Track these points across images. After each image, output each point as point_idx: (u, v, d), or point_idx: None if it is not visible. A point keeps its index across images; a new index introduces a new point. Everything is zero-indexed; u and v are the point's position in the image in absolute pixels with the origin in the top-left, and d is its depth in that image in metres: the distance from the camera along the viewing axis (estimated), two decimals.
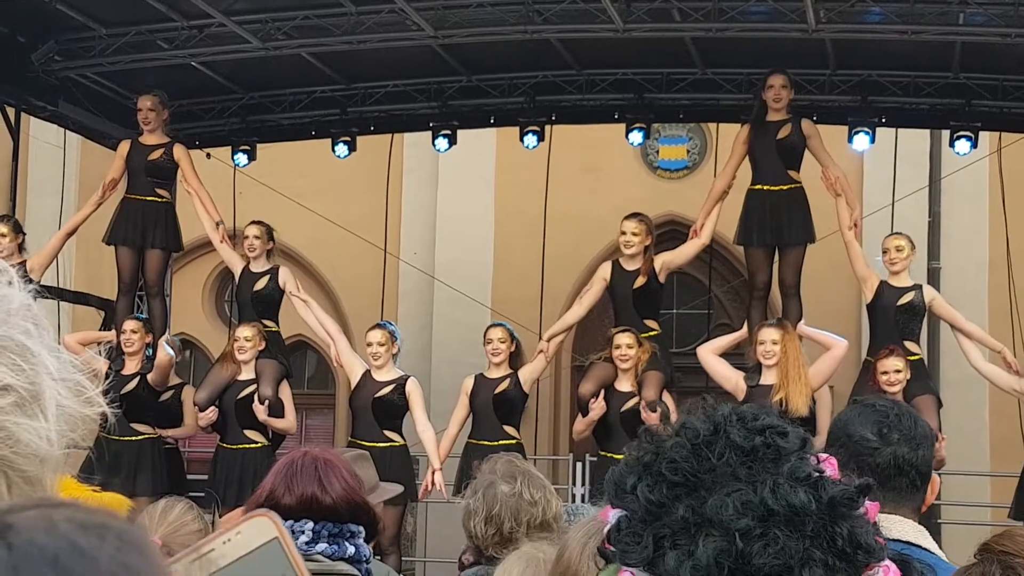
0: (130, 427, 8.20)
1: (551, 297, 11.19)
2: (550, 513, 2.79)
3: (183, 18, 8.50)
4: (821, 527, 0.92)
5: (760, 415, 0.99)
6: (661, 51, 9.05)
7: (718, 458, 0.95)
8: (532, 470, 2.88)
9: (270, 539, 0.84)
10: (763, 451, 0.95)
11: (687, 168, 12.80)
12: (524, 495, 2.78)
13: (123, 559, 0.68)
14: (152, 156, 8.67)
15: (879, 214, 10.33)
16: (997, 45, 8.19)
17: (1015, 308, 9.40)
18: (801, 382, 7.11)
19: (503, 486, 2.80)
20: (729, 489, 0.93)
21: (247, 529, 0.84)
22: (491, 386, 7.79)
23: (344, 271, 12.92)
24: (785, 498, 0.92)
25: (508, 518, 2.75)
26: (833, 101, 9.34)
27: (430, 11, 8.25)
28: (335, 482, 2.15)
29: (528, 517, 2.76)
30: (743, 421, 0.98)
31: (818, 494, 0.93)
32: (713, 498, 0.93)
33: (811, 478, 0.94)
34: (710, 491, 0.93)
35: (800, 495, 0.93)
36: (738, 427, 0.97)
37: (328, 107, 10.08)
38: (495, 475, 2.83)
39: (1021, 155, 9.79)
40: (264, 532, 0.84)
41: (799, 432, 0.98)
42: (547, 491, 2.83)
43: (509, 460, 2.89)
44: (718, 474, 0.94)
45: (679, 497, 0.94)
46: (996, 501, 10.16)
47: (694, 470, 0.95)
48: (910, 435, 2.51)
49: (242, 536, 0.84)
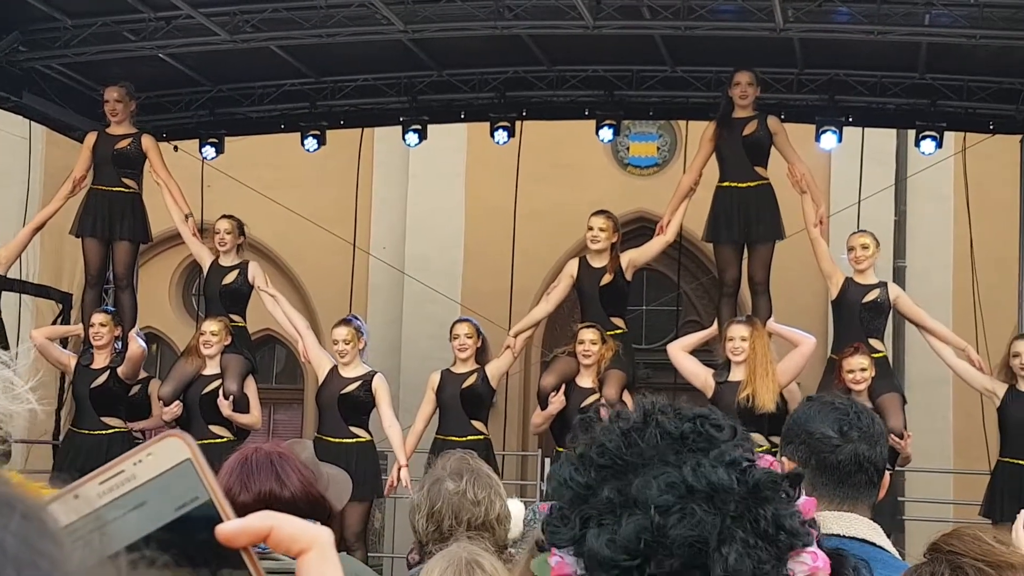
0: (100, 421, 8.14)
1: (521, 292, 11.20)
2: (492, 514, 2.78)
3: (150, 10, 8.44)
4: (744, 508, 0.94)
5: (696, 408, 1.02)
6: (631, 48, 9.06)
7: (647, 443, 0.97)
8: (483, 469, 2.87)
9: (182, 460, 0.82)
10: (693, 437, 0.97)
11: (657, 165, 12.84)
12: (468, 494, 2.77)
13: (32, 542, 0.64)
14: (119, 145, 8.59)
15: (846, 212, 10.40)
16: (962, 46, 8.26)
17: (979, 307, 9.49)
18: (769, 378, 7.15)
19: (449, 483, 2.80)
20: (656, 472, 0.95)
21: (158, 450, 0.82)
22: (458, 381, 7.79)
23: (313, 265, 12.88)
24: (705, 476, 0.94)
25: (448, 515, 2.75)
26: (801, 100, 9.39)
27: (400, 5, 8.23)
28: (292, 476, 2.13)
29: (469, 516, 2.75)
30: (677, 411, 1.00)
31: (743, 476, 0.95)
32: (638, 479, 0.95)
33: (737, 462, 0.96)
34: (637, 474, 0.96)
35: (721, 474, 0.95)
36: (671, 415, 0.99)
37: (297, 100, 10.04)
38: (444, 471, 2.82)
39: (986, 155, 9.88)
40: (176, 453, 0.82)
41: (736, 426, 1.00)
42: (492, 491, 2.82)
43: (461, 457, 2.89)
44: (646, 458, 0.97)
45: (606, 479, 0.96)
46: (959, 498, 10.26)
47: (622, 454, 0.97)
48: (869, 433, 2.54)
49: (153, 457, 0.82)
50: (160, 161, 8.68)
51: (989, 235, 10.17)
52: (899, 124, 10.07)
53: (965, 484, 10.10)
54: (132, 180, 8.71)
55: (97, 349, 8.16)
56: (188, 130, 10.26)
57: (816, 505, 1.00)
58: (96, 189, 8.66)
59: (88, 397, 8.13)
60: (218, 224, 8.51)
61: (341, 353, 7.75)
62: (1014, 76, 8.78)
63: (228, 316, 8.21)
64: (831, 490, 2.52)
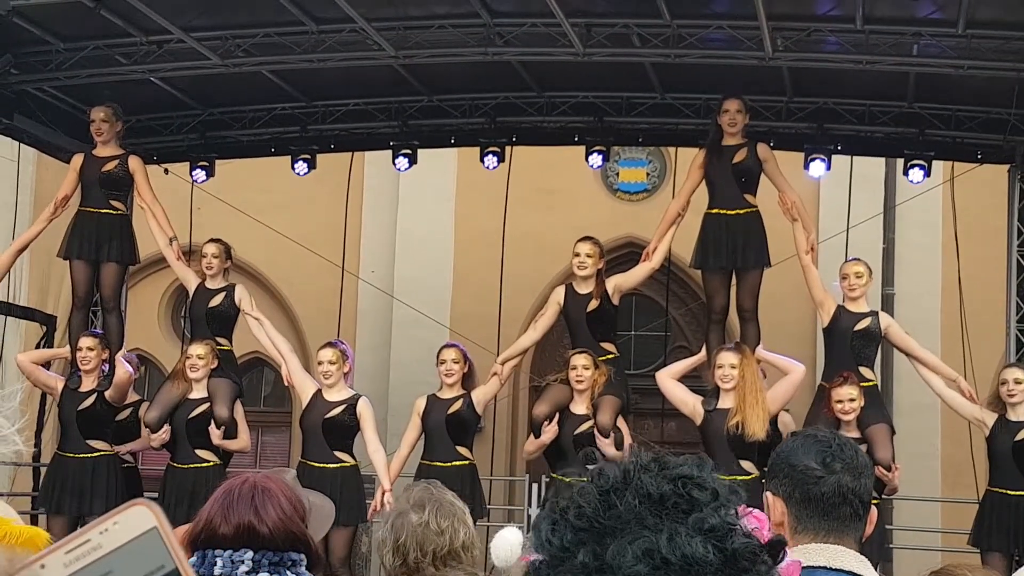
0: (86, 444, 8.10)
1: (509, 317, 11.20)
2: (457, 542, 2.77)
3: (142, 33, 8.45)
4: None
5: (683, 464, 0.98)
6: (621, 75, 9.11)
7: (625, 505, 0.95)
8: (446, 498, 2.86)
9: (148, 528, 0.82)
10: (673, 499, 0.95)
11: (646, 191, 12.88)
12: (431, 524, 2.76)
13: None
14: (106, 167, 8.57)
15: (834, 240, 10.43)
16: (950, 76, 8.31)
17: (966, 334, 9.51)
18: (759, 406, 7.14)
19: (412, 515, 2.78)
20: (633, 536, 0.92)
21: (125, 519, 0.82)
22: (444, 407, 7.77)
23: (302, 288, 12.87)
24: (680, 548, 0.91)
25: (413, 548, 2.74)
26: (790, 128, 9.43)
27: (391, 31, 8.26)
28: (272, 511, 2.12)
29: (434, 547, 2.74)
30: (663, 469, 0.97)
31: (721, 546, 0.92)
32: (615, 544, 0.92)
33: (716, 530, 0.93)
34: (614, 537, 0.93)
35: (697, 546, 0.92)
36: (652, 474, 0.96)
37: (288, 124, 10.06)
38: (407, 504, 2.82)
39: (973, 184, 9.93)
40: (143, 521, 0.83)
41: (718, 486, 0.97)
42: (455, 519, 2.81)
43: (424, 488, 2.88)
44: (623, 521, 0.94)
45: (583, 542, 0.94)
46: (947, 527, 10.26)
47: (598, 516, 0.95)
48: (852, 464, 2.54)
49: (119, 526, 0.82)
50: (146, 183, 8.62)
51: (977, 263, 10.21)
52: (887, 152, 10.12)
53: (953, 513, 10.10)
54: (120, 202, 8.69)
55: (85, 373, 8.13)
56: (179, 153, 10.27)
57: (800, 567, 0.99)
58: (84, 211, 8.64)
59: (75, 420, 8.09)
60: (205, 248, 8.49)
61: (326, 375, 7.72)
62: (1001, 106, 8.84)
63: (215, 339, 8.19)
64: (816, 522, 2.52)
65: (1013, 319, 9.09)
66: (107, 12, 7.96)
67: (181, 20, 8.14)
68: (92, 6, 7.78)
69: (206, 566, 2.16)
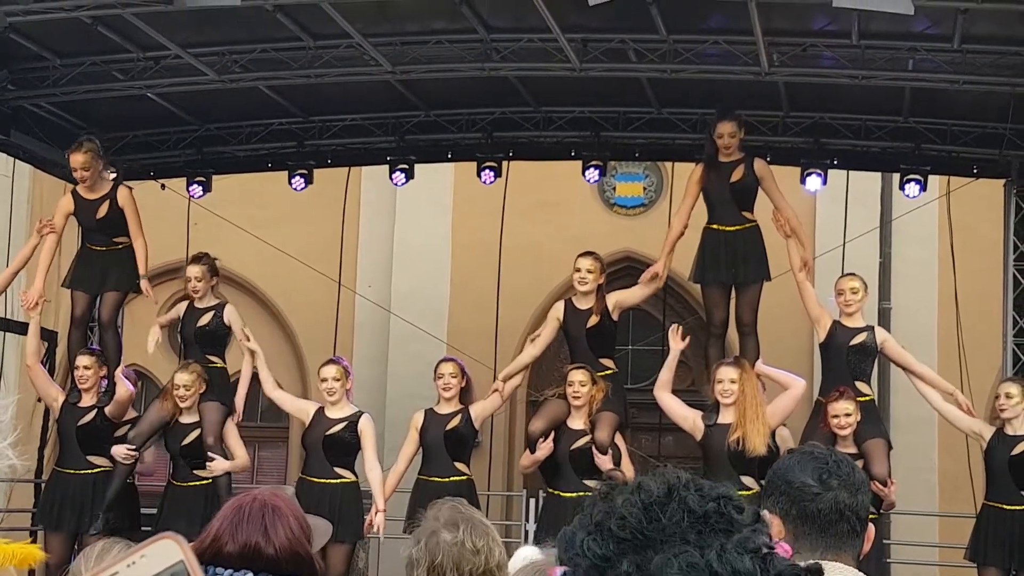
0: (86, 460, 8.07)
1: (507, 331, 11.20)
2: (493, 562, 2.76)
3: (139, 49, 8.47)
4: None
5: (719, 486, 1.00)
6: (617, 90, 9.13)
7: (669, 519, 0.96)
8: (476, 516, 2.85)
9: (175, 562, 0.83)
10: (715, 518, 0.96)
11: (643, 205, 12.89)
12: (467, 544, 2.74)
13: None
14: (100, 213, 8.42)
15: (831, 255, 10.45)
16: (946, 91, 8.34)
17: (962, 348, 9.52)
18: (760, 421, 7.13)
19: (446, 534, 2.76)
20: (677, 550, 0.93)
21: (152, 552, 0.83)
22: (442, 422, 7.76)
23: (299, 303, 12.87)
24: (731, 563, 0.93)
25: (451, 568, 2.72)
26: (786, 142, 9.46)
27: (388, 46, 8.28)
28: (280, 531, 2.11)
29: (470, 567, 2.73)
30: (700, 488, 0.99)
31: (765, 566, 0.94)
32: (659, 557, 0.93)
33: (760, 551, 0.95)
34: (657, 550, 0.94)
35: (747, 563, 0.93)
36: (693, 492, 0.98)
37: (285, 140, 10.07)
38: (438, 523, 2.79)
39: (969, 199, 9.95)
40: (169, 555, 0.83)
41: (754, 509, 0.99)
42: (490, 539, 2.80)
43: (453, 507, 2.86)
44: (667, 534, 0.95)
45: (625, 553, 0.95)
46: (944, 541, 10.24)
47: (643, 528, 0.95)
48: (849, 481, 2.55)
49: (147, 560, 0.83)
50: (135, 216, 8.45)
51: (973, 277, 10.23)
52: (883, 167, 10.14)
53: (951, 527, 10.09)
54: (122, 236, 8.51)
55: (84, 391, 8.12)
56: (176, 168, 10.28)
57: None
58: (88, 248, 8.56)
59: (74, 435, 8.07)
60: (188, 271, 8.40)
61: (329, 392, 7.73)
62: (997, 121, 8.86)
63: (206, 358, 8.17)
64: (814, 539, 2.52)
65: (1010, 333, 9.10)
66: (104, 28, 7.97)
67: (178, 36, 8.16)
68: (89, 22, 7.79)
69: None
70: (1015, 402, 7.33)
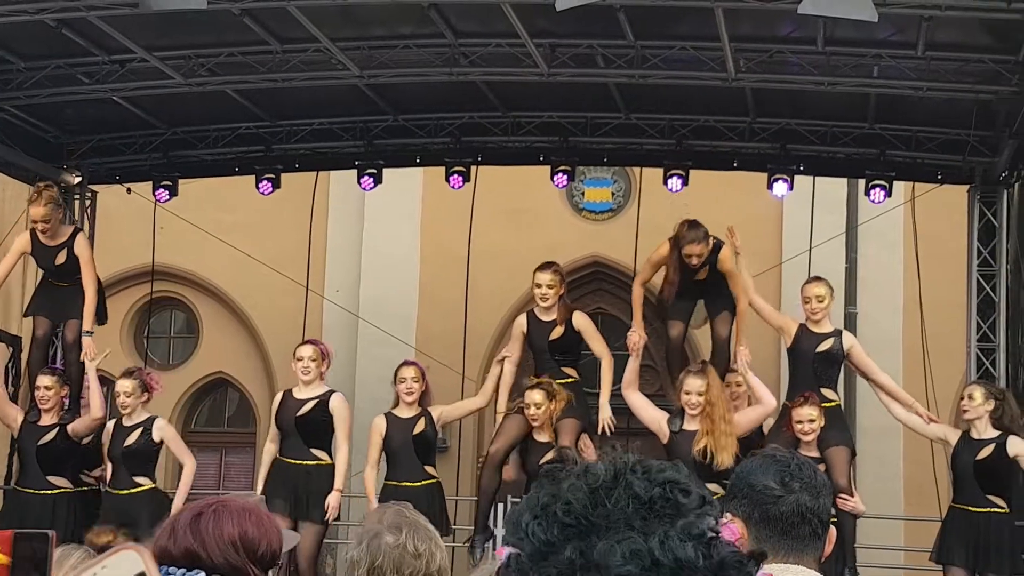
0: (45, 480, 7.89)
1: (475, 336, 11.19)
2: (434, 566, 2.75)
3: (104, 52, 8.41)
4: None
5: (667, 469, 0.99)
6: (585, 95, 9.15)
7: (614, 504, 0.96)
8: (420, 521, 2.85)
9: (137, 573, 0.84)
10: (661, 504, 0.96)
11: (612, 210, 12.92)
12: (408, 547, 2.73)
13: None
14: (58, 261, 8.21)
15: (797, 259, 10.51)
16: (910, 98, 8.41)
17: (927, 353, 9.60)
18: (728, 437, 7.07)
19: (388, 537, 2.76)
20: (620, 536, 0.93)
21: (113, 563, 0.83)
22: (407, 427, 7.75)
23: (266, 308, 12.81)
24: (673, 551, 0.93)
25: (390, 570, 2.71)
26: (753, 148, 9.51)
27: (356, 51, 8.27)
28: (213, 542, 2.09)
29: (411, 570, 2.72)
30: (647, 472, 0.98)
31: (709, 552, 0.94)
32: (602, 543, 0.93)
33: (704, 536, 0.95)
34: (601, 536, 0.94)
35: (688, 550, 0.93)
36: (640, 477, 0.97)
37: (252, 144, 10.03)
38: (381, 525, 2.79)
39: (934, 204, 10.03)
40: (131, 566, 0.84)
41: (700, 492, 0.98)
42: (432, 543, 2.79)
43: (398, 510, 2.86)
44: (612, 520, 0.95)
45: (569, 539, 0.94)
46: (910, 544, 10.31)
47: (587, 514, 0.95)
48: (811, 484, 2.55)
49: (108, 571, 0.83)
50: (90, 264, 8.20)
51: (938, 282, 10.31)
52: (849, 173, 10.22)
53: (916, 531, 10.15)
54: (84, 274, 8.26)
55: (44, 411, 7.97)
56: (142, 172, 10.22)
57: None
58: (50, 282, 8.42)
59: (34, 455, 7.89)
60: (118, 385, 7.85)
61: (304, 371, 7.69)
62: (960, 127, 8.94)
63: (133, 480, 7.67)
64: (775, 542, 2.53)
65: (974, 338, 9.18)
66: (69, 31, 7.92)
67: (143, 39, 8.11)
68: (54, 25, 7.73)
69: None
70: (976, 403, 7.39)
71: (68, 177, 10.05)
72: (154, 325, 13.67)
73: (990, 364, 9.09)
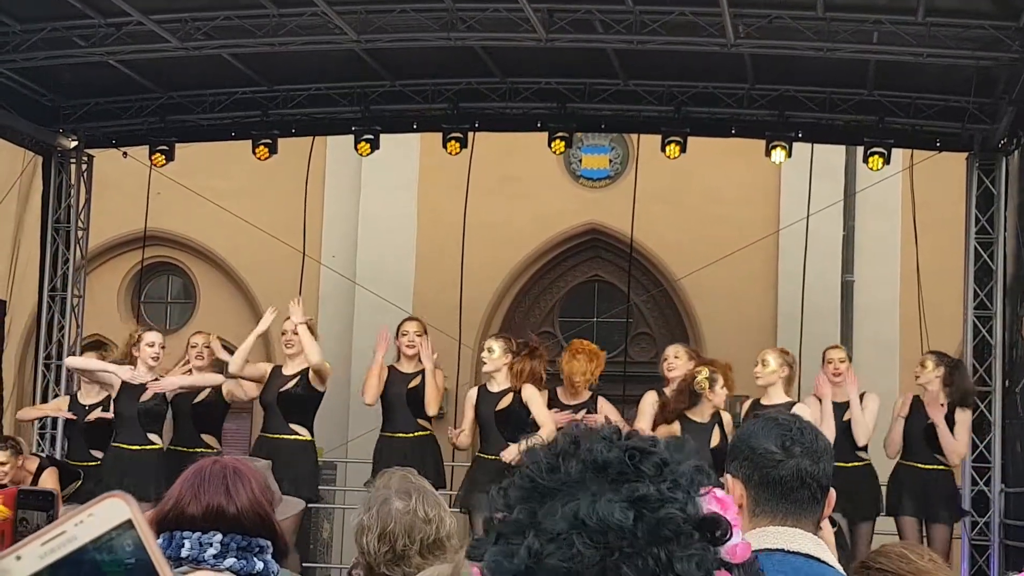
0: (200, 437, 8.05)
1: (471, 303, 11.19)
2: (443, 531, 2.77)
3: (100, 15, 8.35)
4: (639, 547, 0.92)
5: (637, 439, 0.99)
6: (584, 61, 9.10)
7: (567, 469, 0.97)
8: (427, 486, 2.86)
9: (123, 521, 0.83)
10: (618, 468, 0.96)
11: (609, 177, 12.89)
12: (419, 512, 2.75)
13: None
14: None
15: (795, 227, 10.50)
16: (910, 64, 8.37)
17: (924, 321, 9.62)
18: None
19: (397, 502, 2.77)
20: (567, 499, 0.95)
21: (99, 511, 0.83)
22: (404, 380, 7.89)
23: (264, 274, 12.79)
24: (597, 512, 0.93)
25: (402, 535, 2.72)
26: (751, 115, 9.47)
27: (353, 15, 8.21)
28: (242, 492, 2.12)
29: (422, 535, 2.73)
30: (609, 438, 0.99)
31: (642, 514, 0.93)
32: (549, 504, 0.95)
33: (647, 500, 0.94)
34: (554, 499, 0.95)
35: (615, 511, 0.93)
36: (602, 443, 0.98)
37: (249, 108, 9.98)
38: (389, 491, 2.80)
39: (932, 172, 10.02)
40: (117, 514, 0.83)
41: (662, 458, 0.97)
42: (441, 508, 2.81)
43: (404, 476, 2.87)
44: (568, 484, 0.96)
45: (524, 501, 0.97)
46: None
47: (543, 479, 0.97)
48: (812, 448, 2.55)
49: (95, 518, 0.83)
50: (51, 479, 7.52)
51: (936, 250, 10.31)
52: (848, 140, 10.18)
53: None
54: None
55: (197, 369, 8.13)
56: (138, 137, 10.18)
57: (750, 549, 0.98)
58: None
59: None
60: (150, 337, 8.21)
61: (288, 343, 7.78)
62: (960, 94, 8.92)
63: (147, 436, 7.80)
64: (774, 505, 2.53)
65: (971, 306, 9.19)
66: None
67: (140, 2, 8.05)
68: None
69: (173, 548, 2.14)
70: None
71: (64, 141, 10.03)
72: (151, 290, 13.66)
73: (987, 332, 9.11)
